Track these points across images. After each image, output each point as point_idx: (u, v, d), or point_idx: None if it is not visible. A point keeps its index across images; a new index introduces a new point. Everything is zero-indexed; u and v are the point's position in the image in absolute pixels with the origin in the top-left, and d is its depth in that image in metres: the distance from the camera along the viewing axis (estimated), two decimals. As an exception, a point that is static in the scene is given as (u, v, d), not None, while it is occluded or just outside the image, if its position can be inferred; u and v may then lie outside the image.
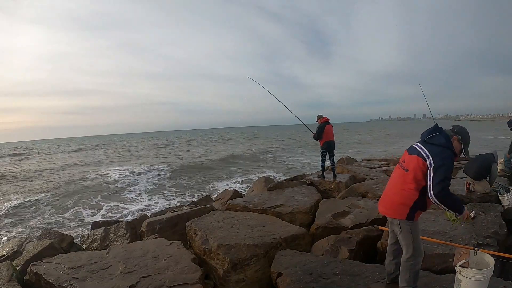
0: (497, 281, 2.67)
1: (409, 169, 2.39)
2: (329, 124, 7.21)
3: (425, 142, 2.41)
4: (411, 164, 2.39)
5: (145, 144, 55.49)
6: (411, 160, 2.40)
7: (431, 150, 2.31)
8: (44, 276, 3.46)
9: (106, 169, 21.20)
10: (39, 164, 27.68)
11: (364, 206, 5.23)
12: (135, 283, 3.22)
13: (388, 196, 2.57)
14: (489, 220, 3.94)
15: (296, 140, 42.11)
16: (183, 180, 16.02)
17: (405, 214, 2.41)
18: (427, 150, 2.33)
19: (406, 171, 2.42)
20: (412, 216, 2.41)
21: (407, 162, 2.44)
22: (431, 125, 2.58)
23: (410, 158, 2.43)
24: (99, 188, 14.81)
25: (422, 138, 2.47)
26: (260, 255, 3.69)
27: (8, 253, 4.98)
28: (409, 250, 2.45)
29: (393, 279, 2.76)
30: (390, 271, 2.79)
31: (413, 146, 2.51)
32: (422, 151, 2.35)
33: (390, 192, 2.57)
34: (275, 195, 6.26)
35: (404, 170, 2.45)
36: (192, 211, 5.86)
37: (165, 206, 10.27)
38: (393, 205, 2.48)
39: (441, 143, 2.34)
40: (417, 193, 2.37)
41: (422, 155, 2.34)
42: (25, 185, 16.39)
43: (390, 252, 2.78)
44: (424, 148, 2.36)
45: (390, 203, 2.52)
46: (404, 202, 2.41)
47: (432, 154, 2.29)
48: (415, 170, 2.35)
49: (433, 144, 2.35)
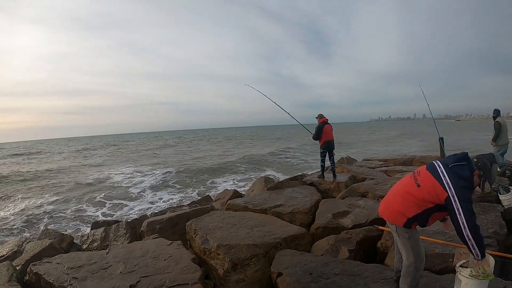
0: (497, 281, 2.67)
1: (422, 185, 2.29)
2: (328, 124, 7.22)
3: (449, 168, 2.24)
4: (427, 183, 2.27)
5: (153, 143, 54.62)
6: (428, 180, 2.28)
7: (455, 182, 2.16)
8: (44, 276, 3.46)
9: (115, 170, 21.18)
10: (45, 164, 27.71)
11: (364, 206, 5.23)
12: (135, 283, 3.22)
13: (390, 202, 2.52)
14: (489, 220, 3.94)
15: (305, 139, 41.84)
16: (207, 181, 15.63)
17: (402, 222, 2.38)
18: (449, 179, 2.18)
19: (418, 186, 2.32)
20: (409, 226, 2.38)
21: (422, 178, 2.32)
22: (431, 125, 2.54)
23: (427, 176, 2.30)
24: (103, 187, 14.86)
25: (446, 163, 2.29)
26: (260, 255, 3.69)
27: (8, 253, 4.98)
28: (409, 258, 2.42)
29: (399, 277, 2.72)
30: (399, 268, 2.76)
31: (434, 166, 2.33)
32: (444, 178, 2.20)
33: (393, 198, 2.51)
34: (275, 195, 6.26)
35: (415, 183, 2.34)
36: (192, 211, 5.86)
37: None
38: (393, 212, 2.44)
39: (466, 176, 2.20)
40: (419, 210, 2.32)
41: (442, 182, 2.20)
42: (27, 185, 16.39)
43: (398, 250, 2.74)
44: (447, 176, 2.20)
45: (390, 209, 2.47)
46: (404, 213, 2.36)
47: (455, 186, 2.15)
48: (428, 191, 2.25)
49: (457, 174, 2.20)
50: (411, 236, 2.41)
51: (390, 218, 2.46)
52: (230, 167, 19.55)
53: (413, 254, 2.41)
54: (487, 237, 3.50)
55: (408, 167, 9.48)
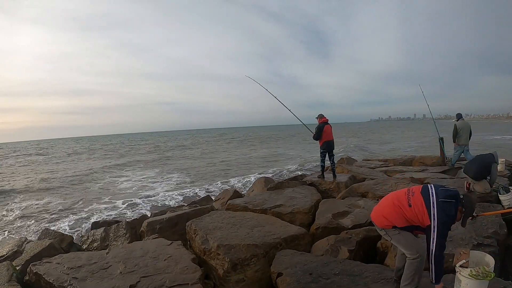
0: (497, 281, 2.67)
1: (413, 206, 2.51)
2: (327, 124, 7.22)
3: (440, 202, 2.44)
4: (418, 207, 2.49)
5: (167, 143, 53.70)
6: (420, 205, 2.49)
7: (440, 216, 2.40)
8: (44, 276, 3.46)
9: (117, 170, 21.16)
10: (47, 164, 27.72)
11: (364, 206, 5.23)
12: (135, 283, 3.22)
13: (381, 211, 2.69)
14: (489, 220, 3.94)
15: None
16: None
17: (390, 227, 2.61)
18: (437, 212, 2.41)
19: (409, 205, 2.53)
20: (395, 227, 2.60)
21: (415, 200, 2.52)
22: (431, 125, 2.61)
23: (420, 201, 2.50)
24: (104, 188, 14.85)
25: (438, 195, 2.48)
26: (260, 255, 3.69)
27: (8, 253, 4.98)
28: (413, 251, 2.55)
29: (400, 275, 2.80)
30: (399, 266, 2.86)
31: (428, 193, 2.52)
32: (433, 210, 2.43)
33: (384, 208, 2.68)
34: (275, 195, 6.26)
35: (408, 202, 2.55)
36: (192, 211, 5.85)
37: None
38: (382, 219, 2.64)
39: (451, 214, 2.43)
40: (404, 224, 2.56)
41: (430, 212, 2.43)
42: (28, 185, 16.39)
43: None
44: (436, 209, 2.43)
45: (381, 217, 2.66)
46: (392, 222, 2.59)
47: (439, 220, 2.39)
48: (416, 214, 2.49)
49: (444, 210, 2.41)
50: (401, 232, 2.59)
51: (380, 223, 2.67)
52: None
53: (412, 247, 2.56)
54: (487, 237, 3.51)
55: (408, 167, 9.49)
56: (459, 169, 7.71)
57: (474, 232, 3.64)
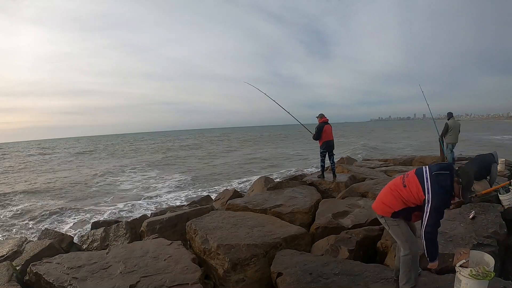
0: (497, 281, 2.67)
1: (408, 186, 2.56)
2: (327, 124, 7.22)
3: (433, 175, 2.48)
4: (412, 186, 2.53)
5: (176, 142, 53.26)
6: (414, 183, 2.53)
7: (434, 189, 2.41)
8: (44, 276, 3.46)
9: (119, 170, 21.15)
10: (49, 164, 27.72)
11: (364, 206, 5.22)
12: (135, 283, 3.22)
13: (381, 197, 2.75)
14: (489, 220, 3.94)
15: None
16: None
17: (389, 214, 2.63)
18: (430, 185, 2.43)
19: (404, 186, 2.58)
20: (395, 216, 2.62)
21: (409, 180, 2.58)
22: (431, 124, 2.62)
23: (414, 179, 2.56)
24: (106, 187, 14.86)
25: (431, 169, 2.54)
26: (260, 255, 3.69)
27: (8, 253, 4.98)
28: (405, 247, 2.60)
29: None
30: (399, 266, 2.84)
31: (421, 171, 2.59)
32: (426, 184, 2.45)
33: (383, 194, 2.75)
34: (275, 195, 6.26)
35: (403, 184, 2.61)
36: (192, 211, 5.86)
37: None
38: (381, 205, 2.69)
39: (446, 185, 2.42)
40: (402, 206, 2.58)
41: (424, 187, 2.45)
42: (29, 185, 16.40)
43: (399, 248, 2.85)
44: (429, 182, 2.45)
45: (380, 203, 2.71)
46: (391, 206, 2.61)
47: (433, 192, 2.40)
48: (411, 192, 2.52)
49: (438, 182, 2.42)
50: (399, 223, 2.62)
51: (380, 210, 2.70)
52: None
53: (406, 241, 2.60)
54: (487, 237, 3.51)
55: (408, 167, 9.48)
56: (459, 169, 7.71)
57: (474, 232, 3.64)
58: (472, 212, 4.16)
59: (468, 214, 4.16)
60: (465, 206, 4.61)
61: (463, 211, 4.40)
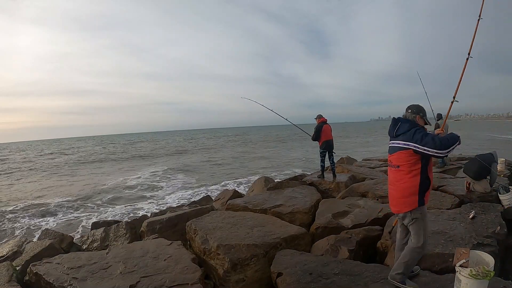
0: (497, 281, 2.67)
1: (400, 164, 2.58)
2: (326, 124, 7.22)
3: (396, 136, 2.61)
4: (400, 159, 2.57)
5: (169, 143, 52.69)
6: (398, 157, 2.58)
7: (405, 139, 2.52)
8: (44, 276, 3.46)
9: (120, 170, 21.11)
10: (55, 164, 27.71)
11: (364, 206, 5.22)
12: (135, 283, 3.22)
13: (394, 196, 2.71)
14: (489, 220, 3.94)
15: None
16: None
17: (416, 202, 2.55)
18: (402, 141, 2.54)
19: (397, 167, 2.61)
20: (422, 201, 2.57)
21: (395, 160, 2.63)
22: (432, 125, 2.63)
23: (395, 156, 2.62)
24: (107, 187, 14.86)
25: (390, 135, 2.68)
26: (260, 255, 3.69)
27: (8, 253, 4.97)
28: (420, 240, 2.59)
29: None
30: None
31: (391, 146, 2.69)
32: (400, 145, 2.55)
33: (393, 192, 2.71)
34: (275, 195, 6.26)
35: (395, 168, 2.63)
36: (192, 211, 5.85)
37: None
38: (400, 201, 2.63)
39: (408, 128, 2.55)
40: (417, 177, 2.53)
41: (402, 147, 2.53)
42: (30, 185, 16.40)
43: (400, 247, 2.86)
44: (400, 141, 2.56)
45: (397, 201, 2.67)
46: (410, 194, 2.56)
47: (408, 139, 2.50)
48: (406, 162, 2.54)
49: (402, 134, 2.56)
50: (424, 215, 2.59)
51: (403, 208, 2.62)
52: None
53: (424, 236, 2.58)
54: (487, 237, 3.51)
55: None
56: (459, 169, 7.71)
57: (474, 232, 3.64)
58: (472, 212, 4.17)
59: (468, 214, 4.17)
60: (465, 206, 4.61)
61: (463, 211, 4.40)
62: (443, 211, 4.47)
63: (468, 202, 4.86)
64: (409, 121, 2.62)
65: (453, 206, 4.77)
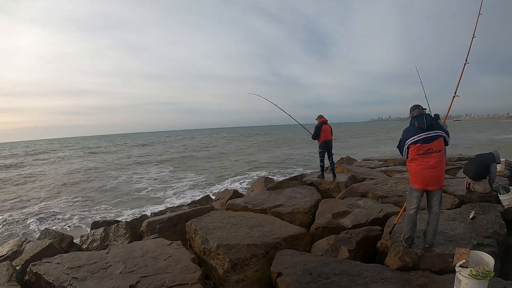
0: (497, 281, 2.67)
1: (441, 149, 3.14)
2: (326, 124, 7.22)
3: (433, 128, 3.13)
4: (440, 145, 3.14)
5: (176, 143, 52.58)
6: (439, 143, 3.13)
7: (441, 129, 3.18)
8: (44, 276, 3.46)
9: (120, 171, 21.10)
10: (51, 164, 27.67)
11: (364, 206, 5.22)
12: (135, 283, 3.22)
13: (437, 175, 3.15)
14: (489, 220, 3.94)
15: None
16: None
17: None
18: (440, 130, 3.14)
19: (439, 152, 3.12)
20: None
21: (436, 146, 3.12)
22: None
23: (436, 143, 3.12)
24: (108, 188, 14.85)
25: (427, 126, 3.12)
26: (260, 255, 3.69)
27: (8, 253, 4.98)
28: (440, 205, 3.25)
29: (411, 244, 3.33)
30: (413, 237, 3.34)
31: (430, 136, 3.12)
32: (438, 133, 3.13)
33: (437, 173, 3.14)
34: (275, 195, 6.26)
35: (437, 153, 3.12)
36: (192, 211, 5.86)
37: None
38: (442, 178, 3.20)
39: (437, 121, 3.24)
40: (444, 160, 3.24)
41: (440, 135, 3.14)
42: (30, 185, 16.39)
43: (416, 219, 3.32)
44: (438, 131, 3.13)
45: (440, 179, 3.18)
46: (444, 172, 3.26)
47: (443, 129, 3.20)
48: (443, 147, 3.18)
49: (438, 125, 3.18)
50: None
51: (442, 182, 3.23)
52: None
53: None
54: (487, 237, 3.51)
55: (408, 167, 9.45)
56: (459, 169, 7.71)
57: (474, 232, 3.64)
58: (472, 212, 4.17)
59: (468, 214, 4.17)
60: (465, 206, 4.61)
61: (463, 211, 4.40)
62: (443, 212, 4.46)
63: (468, 202, 4.86)
64: (412, 124, 3.25)
65: (453, 206, 4.77)
